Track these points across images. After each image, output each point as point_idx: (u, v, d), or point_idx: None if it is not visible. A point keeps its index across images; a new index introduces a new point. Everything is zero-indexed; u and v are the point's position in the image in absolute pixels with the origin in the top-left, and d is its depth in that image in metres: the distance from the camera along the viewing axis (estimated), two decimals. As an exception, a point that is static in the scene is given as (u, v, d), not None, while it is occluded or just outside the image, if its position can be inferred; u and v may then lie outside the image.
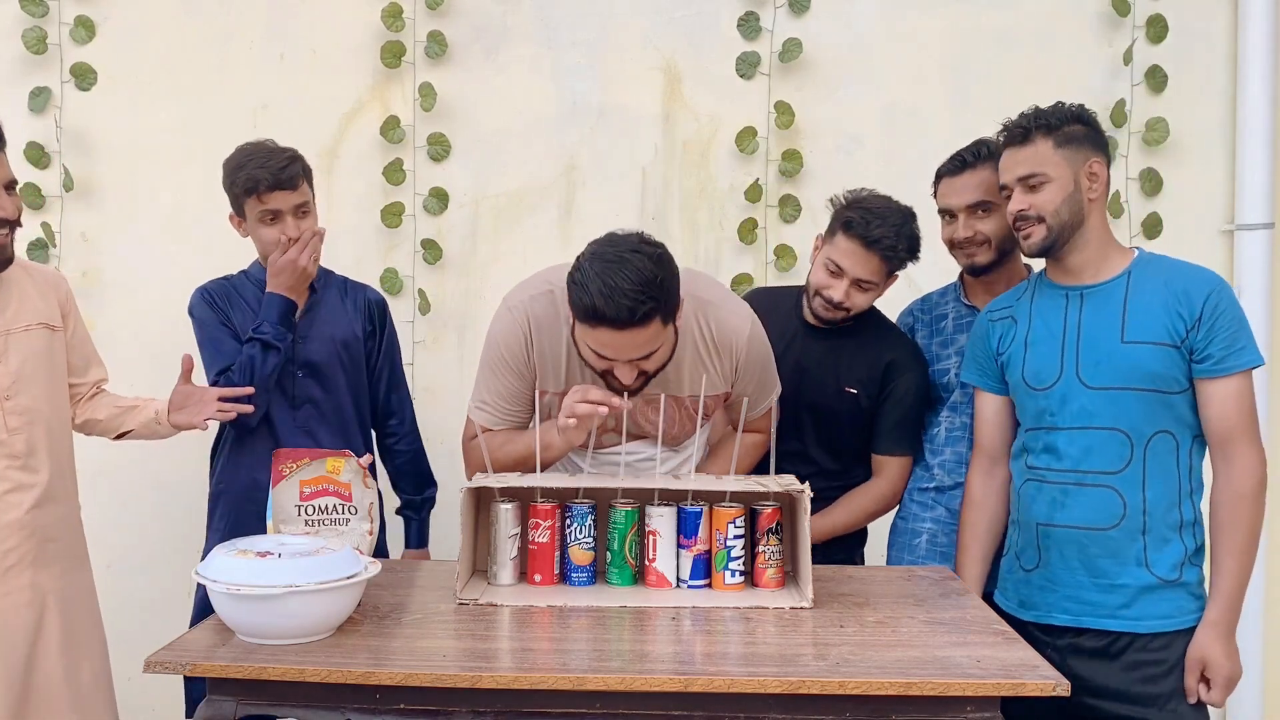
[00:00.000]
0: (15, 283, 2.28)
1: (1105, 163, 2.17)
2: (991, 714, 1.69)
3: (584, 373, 2.19)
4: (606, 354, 2.05)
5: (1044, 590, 2.17)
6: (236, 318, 2.55)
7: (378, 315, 2.70)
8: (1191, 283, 2.08)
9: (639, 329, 1.98)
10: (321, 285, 2.64)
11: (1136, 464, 2.08)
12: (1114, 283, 2.14)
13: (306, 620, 1.81)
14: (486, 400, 2.28)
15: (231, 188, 2.52)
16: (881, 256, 2.40)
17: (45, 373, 2.28)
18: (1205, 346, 2.05)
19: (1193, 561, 2.10)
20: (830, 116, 3.22)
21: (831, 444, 2.55)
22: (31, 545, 2.22)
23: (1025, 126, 2.15)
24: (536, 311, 2.21)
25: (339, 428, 2.61)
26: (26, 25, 3.23)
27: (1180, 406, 2.08)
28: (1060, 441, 2.14)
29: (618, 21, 3.24)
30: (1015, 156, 2.16)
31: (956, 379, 2.50)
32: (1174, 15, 3.13)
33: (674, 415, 2.27)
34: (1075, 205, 2.12)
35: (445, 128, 3.25)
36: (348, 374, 2.62)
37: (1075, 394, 2.12)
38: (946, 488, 2.50)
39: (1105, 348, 2.10)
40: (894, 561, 2.59)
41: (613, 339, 2.00)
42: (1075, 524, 2.12)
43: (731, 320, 2.25)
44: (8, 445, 2.20)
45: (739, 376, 2.28)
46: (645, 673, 1.70)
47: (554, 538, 2.14)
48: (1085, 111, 2.17)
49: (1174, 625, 2.08)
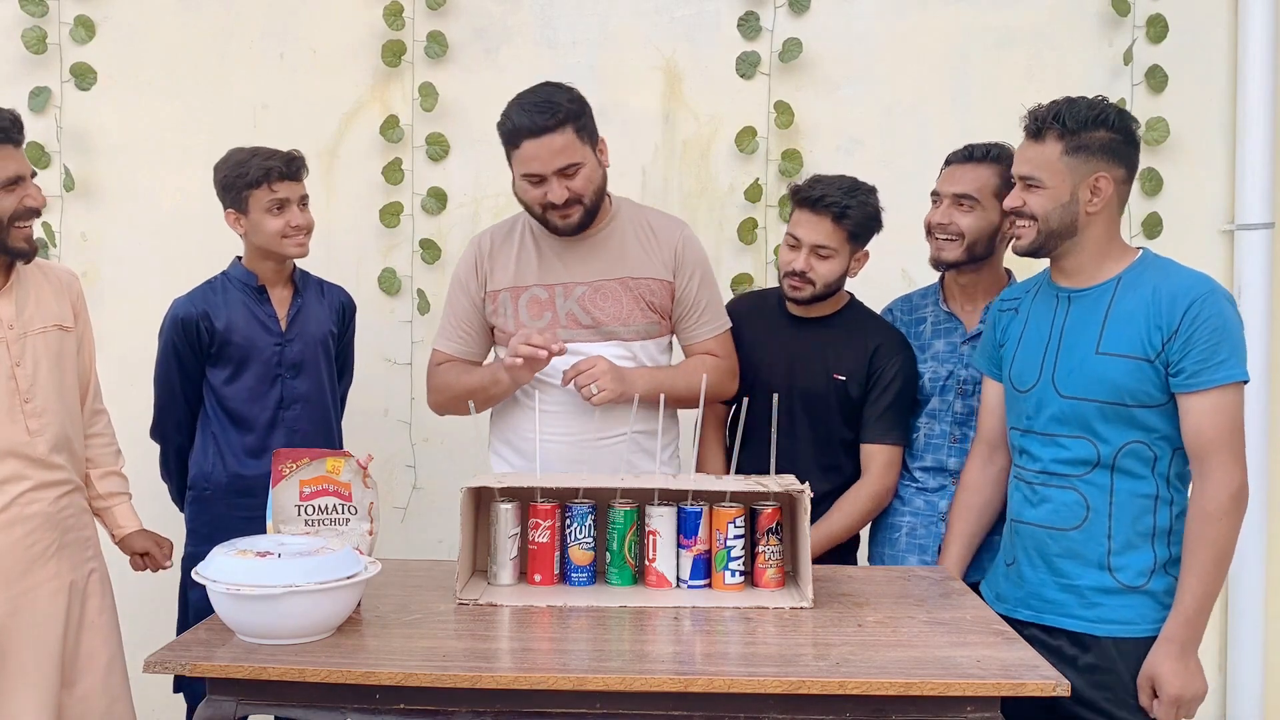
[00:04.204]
0: (33, 283, 2.31)
1: (1123, 175, 2.06)
2: (991, 714, 1.69)
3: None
4: (534, 169, 2.33)
5: (1014, 585, 2.17)
6: (218, 322, 2.62)
7: (346, 316, 2.84)
8: (1177, 291, 2.00)
9: (556, 134, 2.30)
10: (303, 287, 2.73)
11: (1103, 470, 2.04)
12: (1101, 289, 2.08)
13: (306, 620, 1.81)
14: (443, 325, 2.57)
15: (238, 180, 2.57)
16: (832, 218, 2.44)
17: (59, 372, 2.32)
18: (1180, 360, 1.97)
19: (1166, 571, 2.03)
20: (830, 116, 3.22)
21: (824, 435, 2.54)
22: (55, 536, 2.28)
23: (1042, 122, 2.05)
24: (493, 230, 2.58)
25: (321, 421, 2.71)
26: (26, 25, 3.23)
27: (1155, 419, 2.01)
28: (1033, 445, 2.13)
29: (618, 21, 3.24)
30: (1024, 152, 2.10)
31: (931, 384, 2.51)
32: (1174, 15, 3.13)
33: (622, 299, 2.45)
34: (1068, 216, 2.05)
35: (444, 127, 3.25)
36: (327, 370, 2.73)
37: (1049, 400, 2.09)
38: (930, 489, 2.50)
39: (1079, 357, 2.06)
40: (875, 557, 2.60)
41: (536, 149, 2.31)
42: (1040, 523, 2.11)
43: (667, 218, 2.58)
44: (31, 446, 2.24)
45: (679, 266, 2.48)
46: (645, 673, 1.70)
47: (554, 538, 2.14)
48: (1117, 116, 2.05)
49: (1135, 632, 2.03)
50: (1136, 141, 2.09)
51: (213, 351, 2.62)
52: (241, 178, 2.56)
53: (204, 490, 2.67)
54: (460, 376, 2.49)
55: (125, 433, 2.60)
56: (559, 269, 2.46)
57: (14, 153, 2.19)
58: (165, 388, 2.67)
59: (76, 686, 2.31)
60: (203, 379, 2.65)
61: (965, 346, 2.48)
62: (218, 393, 2.64)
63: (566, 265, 2.46)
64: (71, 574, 2.30)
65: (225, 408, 2.64)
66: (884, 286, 2.74)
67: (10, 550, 2.20)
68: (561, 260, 2.46)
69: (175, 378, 2.65)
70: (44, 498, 2.25)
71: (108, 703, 2.35)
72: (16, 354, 2.23)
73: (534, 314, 2.45)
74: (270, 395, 2.64)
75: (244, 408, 2.64)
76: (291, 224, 2.58)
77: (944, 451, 2.49)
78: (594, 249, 2.46)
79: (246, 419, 2.64)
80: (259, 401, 2.63)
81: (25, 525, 2.22)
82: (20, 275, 2.28)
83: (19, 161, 2.20)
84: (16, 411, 2.22)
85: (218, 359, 2.63)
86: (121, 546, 2.51)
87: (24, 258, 2.25)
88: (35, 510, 2.24)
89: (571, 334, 2.42)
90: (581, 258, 2.46)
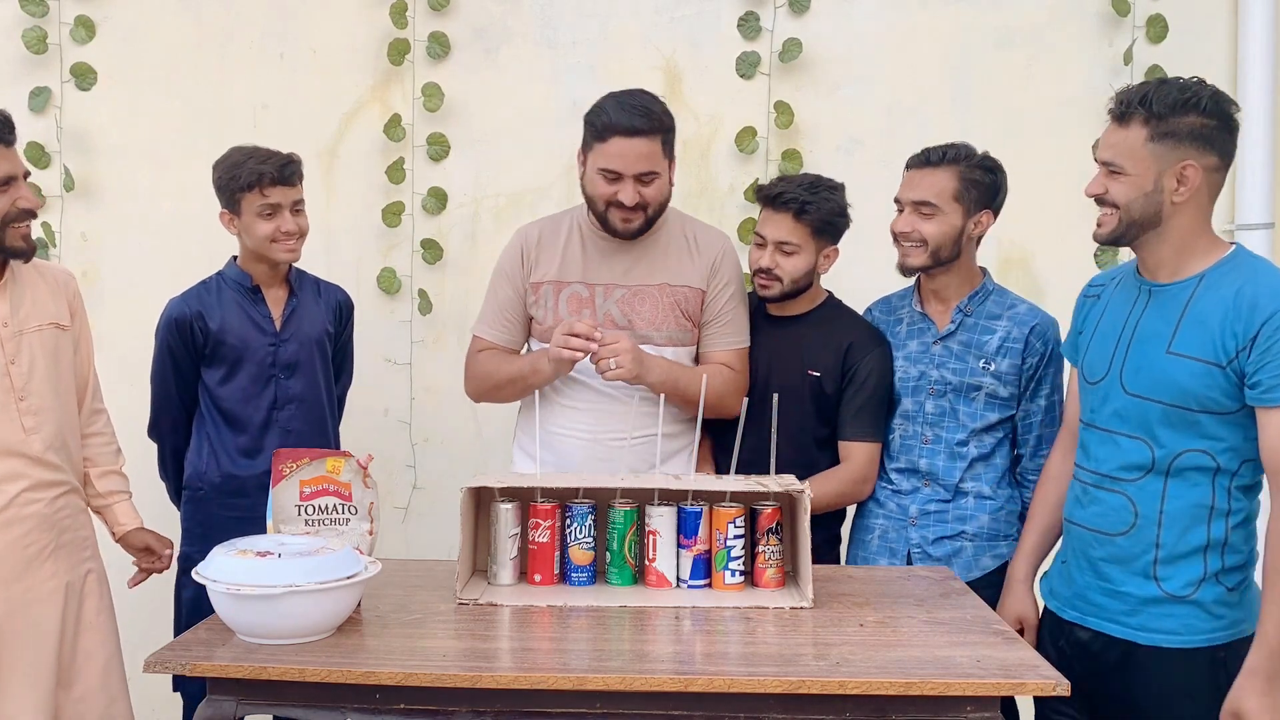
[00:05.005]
0: (28, 282, 2.31)
1: (1214, 163, 1.93)
2: (991, 714, 1.69)
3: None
4: (615, 166, 2.38)
5: (1065, 584, 2.12)
6: (212, 323, 2.62)
7: (344, 315, 2.82)
8: (1262, 296, 1.87)
9: (646, 138, 2.36)
10: (298, 286, 2.73)
11: (1156, 476, 1.96)
12: (1182, 285, 1.97)
13: (306, 620, 1.81)
14: (484, 312, 2.60)
15: (231, 182, 2.57)
16: (793, 214, 2.47)
17: (56, 371, 2.32)
18: (1256, 371, 1.86)
19: (1218, 580, 1.95)
20: (830, 116, 3.22)
21: (798, 432, 2.52)
22: (51, 537, 2.27)
23: (1128, 106, 1.93)
24: (542, 222, 2.62)
25: (316, 422, 2.70)
26: (26, 25, 3.23)
27: (1220, 428, 1.92)
28: (1091, 441, 2.07)
29: (618, 21, 3.24)
30: (1108, 136, 1.98)
31: (902, 384, 2.50)
32: (1174, 15, 3.13)
33: (660, 304, 2.51)
34: (1151, 205, 1.94)
35: (445, 127, 3.25)
36: (322, 370, 2.73)
37: (1114, 396, 2.02)
38: (905, 491, 2.50)
39: (1150, 355, 1.97)
40: (851, 558, 2.59)
41: (622, 148, 2.36)
42: (1087, 524, 2.06)
43: (712, 231, 2.64)
44: (26, 444, 2.24)
45: (714, 276, 2.53)
46: (645, 673, 1.70)
47: (554, 537, 2.14)
48: (1210, 100, 1.91)
49: (1179, 643, 1.96)
50: (1233, 127, 1.95)
51: (207, 352, 2.63)
52: (234, 180, 2.56)
53: (198, 490, 2.67)
54: (500, 365, 2.54)
55: (125, 432, 2.60)
56: (603, 269, 2.52)
57: (5, 153, 2.18)
58: (161, 388, 2.68)
59: (74, 687, 2.31)
60: (198, 379, 2.66)
61: (937, 347, 2.48)
62: (212, 393, 2.65)
63: (610, 267, 2.52)
64: (69, 575, 2.30)
65: (219, 408, 2.64)
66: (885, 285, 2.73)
67: (7, 551, 2.20)
68: (606, 261, 2.52)
69: (170, 378, 2.66)
70: (41, 498, 2.25)
71: (106, 703, 2.35)
72: (11, 352, 2.23)
73: (573, 310, 2.51)
74: (264, 395, 2.64)
75: (237, 408, 2.64)
76: (282, 229, 2.58)
77: (915, 453, 2.48)
78: (639, 254, 2.52)
79: (240, 419, 2.64)
80: (252, 402, 2.64)
81: (22, 525, 2.22)
82: (16, 274, 2.28)
83: (11, 162, 2.19)
84: (12, 409, 2.21)
85: (212, 359, 2.63)
86: (122, 544, 2.51)
87: (23, 257, 2.26)
88: (32, 511, 2.24)
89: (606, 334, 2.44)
90: (625, 261, 2.52)
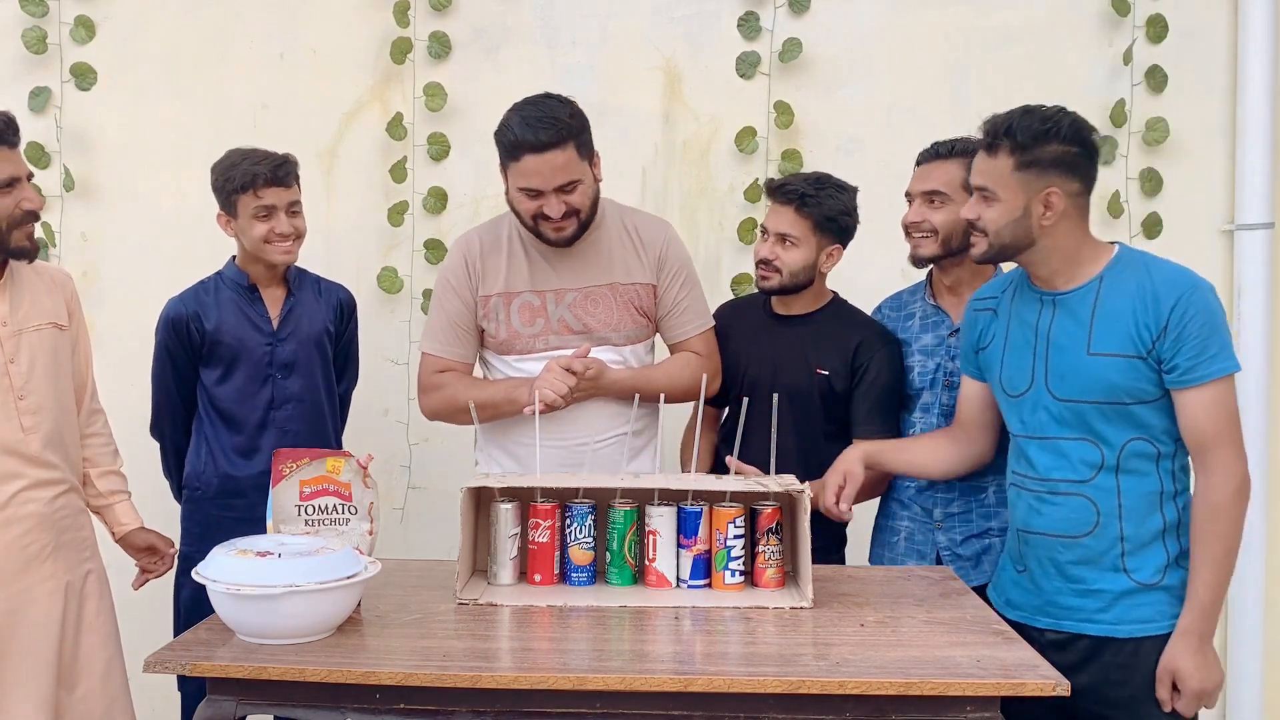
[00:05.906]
0: (27, 281, 2.31)
1: (1077, 188, 2.03)
2: (991, 714, 1.69)
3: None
4: (534, 184, 2.32)
5: (1029, 593, 2.15)
6: (208, 323, 2.62)
7: (345, 314, 2.81)
8: (1161, 288, 1.99)
9: (557, 150, 2.30)
10: (297, 286, 2.72)
11: (1108, 472, 2.04)
12: (1085, 290, 2.06)
13: (306, 620, 1.81)
14: (433, 328, 2.54)
15: (226, 184, 2.57)
16: (795, 206, 2.49)
17: (55, 371, 2.32)
18: (1172, 356, 1.97)
19: (1178, 564, 2.04)
20: (830, 116, 3.22)
21: (807, 431, 2.53)
22: (51, 537, 2.27)
23: (994, 135, 2.04)
24: (480, 232, 2.56)
25: (315, 421, 2.69)
26: (26, 25, 3.23)
27: (1152, 415, 2.02)
28: (1031, 450, 2.11)
29: (618, 21, 3.24)
30: (978, 163, 2.08)
31: (920, 378, 2.51)
32: (1174, 15, 3.13)
33: (613, 305, 2.49)
34: (1021, 229, 2.03)
35: (445, 127, 3.25)
36: (322, 370, 2.72)
37: (1044, 404, 2.08)
38: (924, 489, 2.50)
39: (1071, 360, 2.05)
40: (875, 560, 2.59)
41: (536, 164, 2.30)
42: (1049, 531, 2.09)
43: (652, 221, 2.61)
44: (25, 444, 2.24)
45: (662, 268, 2.51)
46: (645, 673, 1.70)
47: (554, 537, 2.14)
48: (1070, 128, 2.02)
49: (1156, 629, 2.04)
50: (1094, 151, 2.05)
51: (204, 351, 2.63)
52: (229, 182, 2.56)
53: (196, 490, 2.67)
54: (469, 390, 2.46)
55: (126, 432, 2.60)
56: (550, 275, 2.49)
57: (9, 154, 2.18)
58: (161, 387, 2.68)
59: (76, 688, 2.30)
60: (197, 379, 2.65)
61: (952, 339, 2.48)
62: (209, 393, 2.65)
63: (557, 271, 2.48)
64: (68, 575, 2.30)
65: (216, 408, 2.65)
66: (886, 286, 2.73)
67: (6, 551, 2.20)
68: (552, 266, 2.49)
69: (169, 378, 2.66)
70: (40, 497, 2.25)
71: (107, 704, 2.34)
72: (10, 351, 2.23)
73: (526, 320, 2.48)
74: (260, 395, 2.64)
75: (234, 408, 2.64)
76: (276, 231, 2.57)
77: None
78: (582, 255, 2.48)
79: (237, 419, 2.64)
80: (249, 402, 2.63)
81: (21, 525, 2.22)
82: (15, 273, 2.28)
83: (14, 163, 2.19)
84: (10, 408, 2.21)
85: (209, 359, 2.63)
86: (123, 544, 2.51)
87: (28, 258, 2.25)
88: (31, 510, 2.23)
89: (564, 340, 2.46)
90: (571, 264, 2.48)
